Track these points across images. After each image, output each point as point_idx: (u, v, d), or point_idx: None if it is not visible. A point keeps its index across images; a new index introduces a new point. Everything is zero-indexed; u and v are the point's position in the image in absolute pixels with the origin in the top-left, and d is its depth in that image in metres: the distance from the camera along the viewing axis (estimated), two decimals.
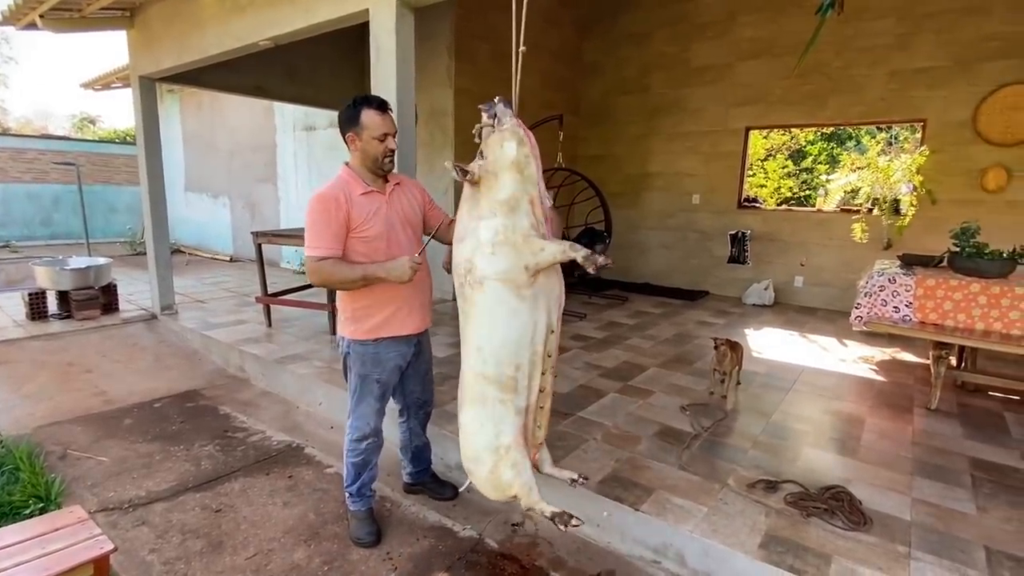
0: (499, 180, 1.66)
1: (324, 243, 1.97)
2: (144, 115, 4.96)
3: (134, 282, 6.99)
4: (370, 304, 2.08)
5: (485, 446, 1.76)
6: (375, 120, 2.01)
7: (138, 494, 2.62)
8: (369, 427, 2.22)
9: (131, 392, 3.86)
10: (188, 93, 9.92)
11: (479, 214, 1.68)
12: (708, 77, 6.57)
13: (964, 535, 2.06)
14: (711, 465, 2.54)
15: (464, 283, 1.72)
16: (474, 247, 1.68)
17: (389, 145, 2.03)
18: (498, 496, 1.82)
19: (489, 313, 1.69)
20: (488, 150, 1.67)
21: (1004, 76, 4.95)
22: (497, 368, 1.70)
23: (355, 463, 2.26)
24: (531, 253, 1.65)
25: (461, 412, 1.82)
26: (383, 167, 2.05)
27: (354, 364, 2.16)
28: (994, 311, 3.27)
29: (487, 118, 1.67)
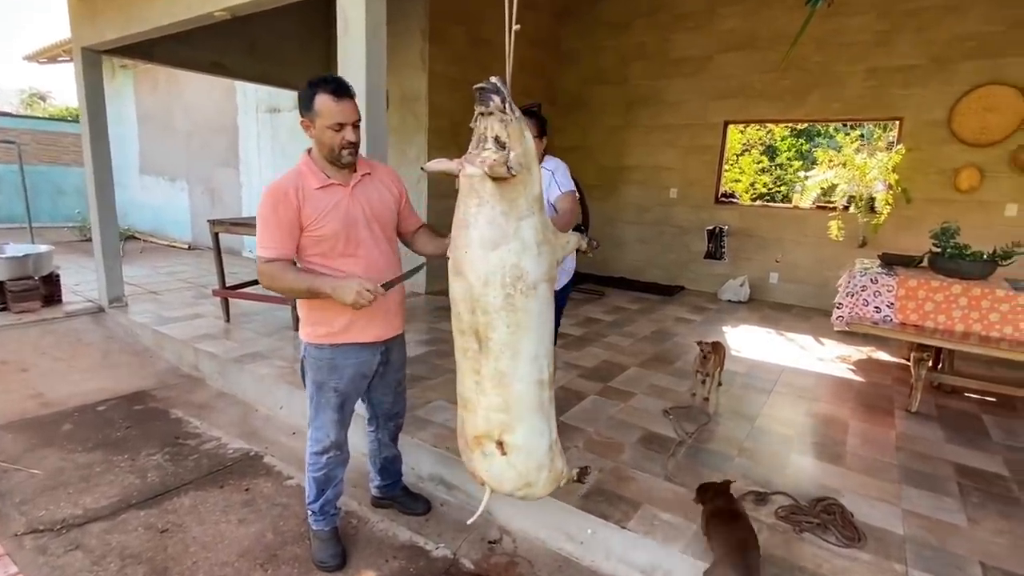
0: (531, 174, 1.51)
1: (274, 243, 1.76)
2: (88, 91, 4.56)
3: (81, 271, 6.54)
4: (327, 306, 1.85)
5: (545, 449, 1.71)
6: (329, 107, 1.72)
7: (73, 513, 2.35)
8: (329, 439, 2.01)
9: (72, 393, 3.54)
10: (143, 69, 9.33)
11: (519, 214, 1.51)
12: (687, 69, 6.46)
13: (958, 550, 1.99)
14: (698, 475, 2.42)
15: (513, 292, 1.53)
16: (520, 251, 1.52)
17: (347, 137, 1.75)
18: (552, 489, 1.80)
19: (540, 316, 1.62)
20: (514, 141, 1.48)
21: (980, 77, 4.97)
22: (549, 369, 1.67)
23: (317, 478, 2.05)
24: (561, 247, 1.64)
25: (515, 432, 1.66)
26: (341, 159, 1.79)
27: (309, 369, 1.97)
28: (974, 313, 3.25)
29: (499, 101, 1.46)
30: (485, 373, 1.62)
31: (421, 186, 5.63)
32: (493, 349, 1.59)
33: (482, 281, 1.54)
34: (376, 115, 2.53)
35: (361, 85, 2.45)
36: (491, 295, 1.53)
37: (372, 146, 2.51)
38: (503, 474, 1.71)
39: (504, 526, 2.33)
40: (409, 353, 3.83)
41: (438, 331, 4.41)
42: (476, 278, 1.55)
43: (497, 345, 1.58)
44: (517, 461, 1.67)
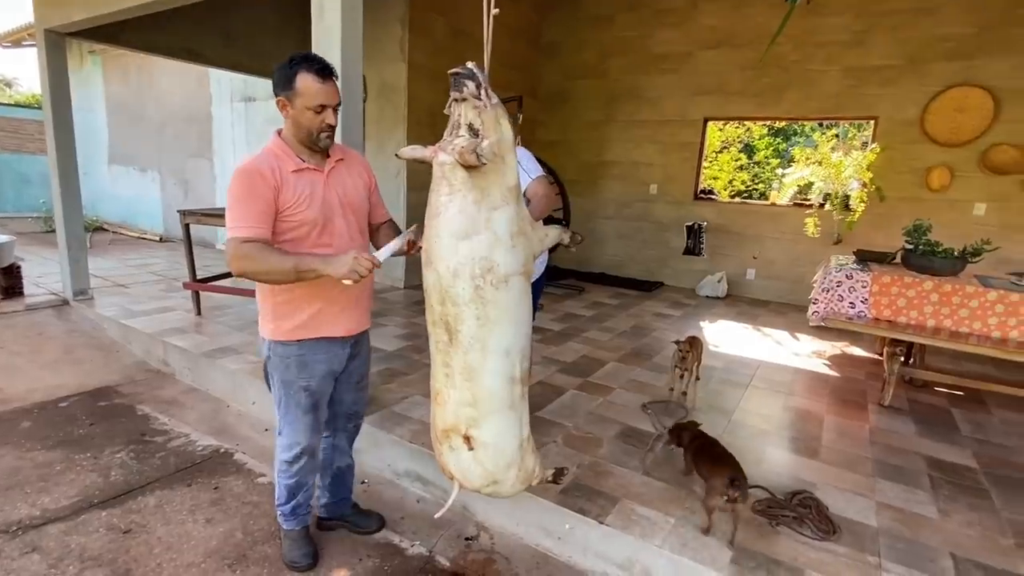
0: (506, 163, 1.46)
1: (249, 221, 1.59)
2: (51, 76, 4.37)
3: (46, 263, 6.30)
4: (293, 299, 1.75)
5: (515, 447, 1.65)
6: (312, 86, 1.62)
7: (31, 513, 2.25)
8: (300, 445, 1.89)
9: (33, 388, 3.40)
10: (112, 56, 9.03)
11: (491, 204, 1.46)
12: (668, 65, 6.48)
13: (930, 542, 2.01)
14: (675, 469, 2.42)
15: (482, 284, 1.47)
16: (492, 242, 1.46)
17: (327, 119, 1.67)
18: (523, 488, 1.75)
19: (514, 311, 1.54)
20: (488, 128, 1.43)
21: (952, 77, 5.07)
22: (522, 365, 1.60)
23: (288, 485, 1.96)
24: (539, 240, 1.57)
25: (482, 428, 1.60)
26: (318, 143, 1.70)
27: (276, 369, 1.83)
28: (945, 308, 3.31)
29: (473, 87, 1.41)
30: (455, 366, 1.58)
31: (400, 177, 5.55)
32: (463, 342, 1.54)
33: (451, 272, 1.50)
34: (351, 102, 2.46)
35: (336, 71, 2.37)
36: (460, 286, 1.49)
37: (347, 135, 2.44)
38: (470, 469, 1.66)
39: (481, 522, 2.29)
40: (387, 347, 3.79)
41: (416, 325, 4.35)
42: (445, 268, 1.50)
43: (466, 338, 1.54)
44: (484, 457, 1.63)
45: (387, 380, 3.22)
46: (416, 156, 1.61)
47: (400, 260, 5.76)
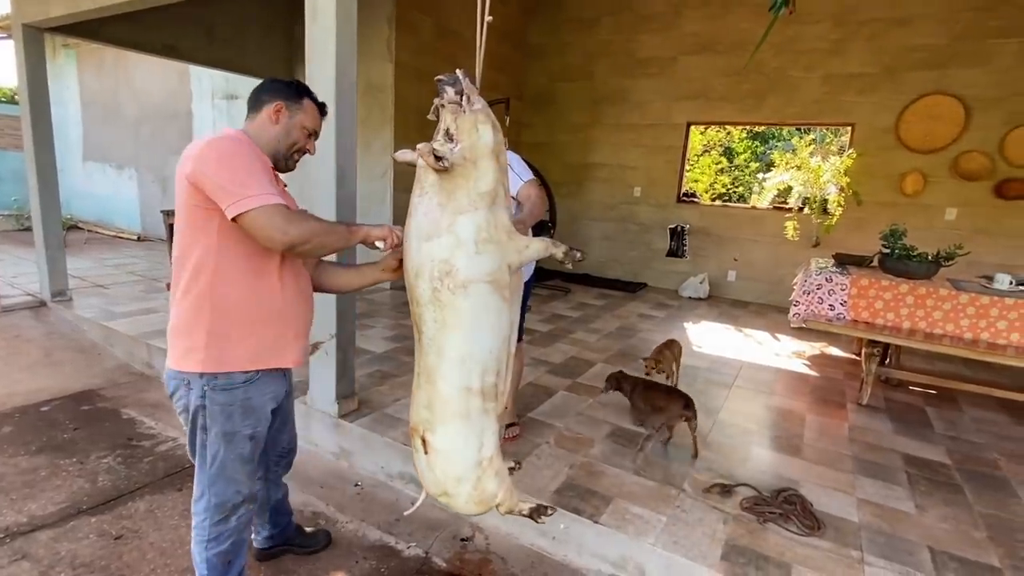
0: (478, 169, 1.44)
1: (267, 187, 1.37)
2: (29, 72, 4.27)
3: (20, 263, 6.14)
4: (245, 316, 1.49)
5: (470, 463, 1.56)
6: (314, 113, 1.64)
7: (18, 520, 2.21)
8: (241, 495, 1.61)
9: (11, 393, 3.32)
10: (87, 49, 8.81)
11: (456, 208, 1.44)
12: (652, 69, 6.57)
13: (909, 536, 2.10)
14: (666, 469, 2.48)
15: (440, 287, 1.46)
16: (452, 246, 1.44)
17: (309, 146, 1.66)
18: (480, 510, 1.65)
19: (474, 320, 1.47)
20: (462, 133, 1.44)
21: (925, 86, 5.24)
22: (482, 378, 1.51)
23: (222, 551, 1.60)
24: (516, 251, 1.48)
25: (435, 433, 1.56)
26: (288, 161, 1.61)
27: (214, 420, 1.50)
28: (920, 311, 3.43)
29: (453, 93, 1.43)
30: (421, 366, 1.57)
31: (387, 178, 5.54)
32: (424, 343, 1.54)
33: (415, 272, 1.50)
34: (346, 106, 2.47)
35: (330, 75, 2.38)
36: (421, 287, 1.49)
37: (342, 136, 2.44)
38: (423, 474, 1.62)
39: (476, 523, 2.32)
40: (375, 349, 3.79)
41: (403, 327, 4.35)
42: (410, 268, 1.52)
43: (427, 339, 1.53)
44: (435, 463, 1.59)
45: (378, 382, 3.22)
46: (406, 159, 1.62)
47: None
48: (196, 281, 1.45)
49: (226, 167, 1.36)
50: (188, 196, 1.40)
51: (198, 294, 1.45)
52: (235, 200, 1.33)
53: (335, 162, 2.42)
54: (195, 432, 1.55)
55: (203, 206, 1.40)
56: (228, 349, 1.48)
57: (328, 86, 2.36)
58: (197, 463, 1.59)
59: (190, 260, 1.45)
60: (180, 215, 1.45)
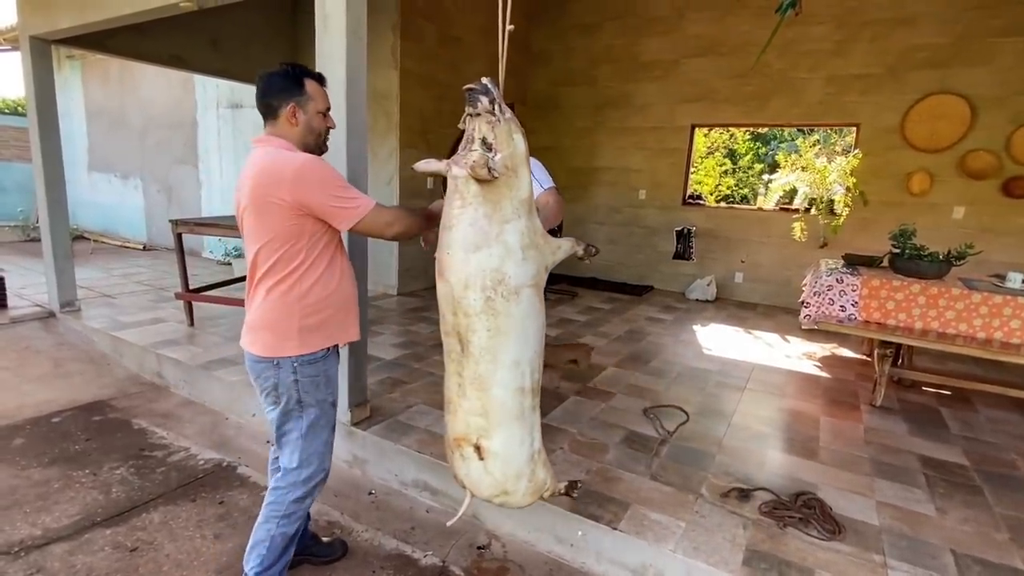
0: (518, 177, 1.48)
1: (362, 193, 1.65)
2: (37, 84, 4.29)
3: (27, 273, 6.16)
4: (320, 303, 1.69)
5: (526, 459, 1.65)
6: (319, 92, 1.71)
7: (32, 533, 2.21)
8: (325, 470, 1.83)
9: (23, 404, 3.32)
10: (92, 60, 8.87)
11: (503, 217, 1.47)
12: (656, 73, 6.58)
13: (931, 539, 2.08)
14: (682, 473, 2.46)
15: (493, 296, 1.49)
16: (503, 255, 1.48)
17: (330, 123, 1.76)
18: (534, 500, 1.74)
19: (524, 323, 1.55)
20: (500, 143, 1.45)
21: (930, 86, 5.23)
22: (532, 377, 1.61)
23: (287, 534, 1.76)
24: (551, 252, 1.58)
25: (492, 438, 1.61)
26: (321, 147, 1.76)
27: (308, 391, 1.72)
28: (932, 311, 3.41)
29: (487, 103, 1.43)
30: (467, 376, 1.59)
31: (393, 185, 5.54)
32: (474, 352, 1.56)
33: (463, 284, 1.52)
34: (357, 113, 2.47)
35: (341, 83, 2.38)
36: (471, 298, 1.51)
37: (353, 145, 2.45)
38: (480, 479, 1.68)
39: (492, 531, 2.31)
40: (385, 356, 3.79)
41: (412, 333, 4.35)
42: (457, 280, 1.52)
43: (477, 348, 1.55)
44: (494, 467, 1.64)
45: (389, 389, 3.21)
46: (431, 170, 1.63)
47: (392, 267, 5.76)
48: (284, 283, 1.64)
49: (330, 187, 1.57)
50: (281, 215, 1.57)
51: (286, 292, 1.65)
52: (350, 212, 1.59)
53: (347, 167, 2.41)
54: (290, 409, 1.73)
55: (297, 222, 1.59)
56: (313, 334, 1.70)
57: (339, 94, 2.37)
58: (292, 439, 1.76)
59: (279, 265, 1.63)
60: (263, 230, 1.60)
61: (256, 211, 1.59)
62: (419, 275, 6.00)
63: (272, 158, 1.58)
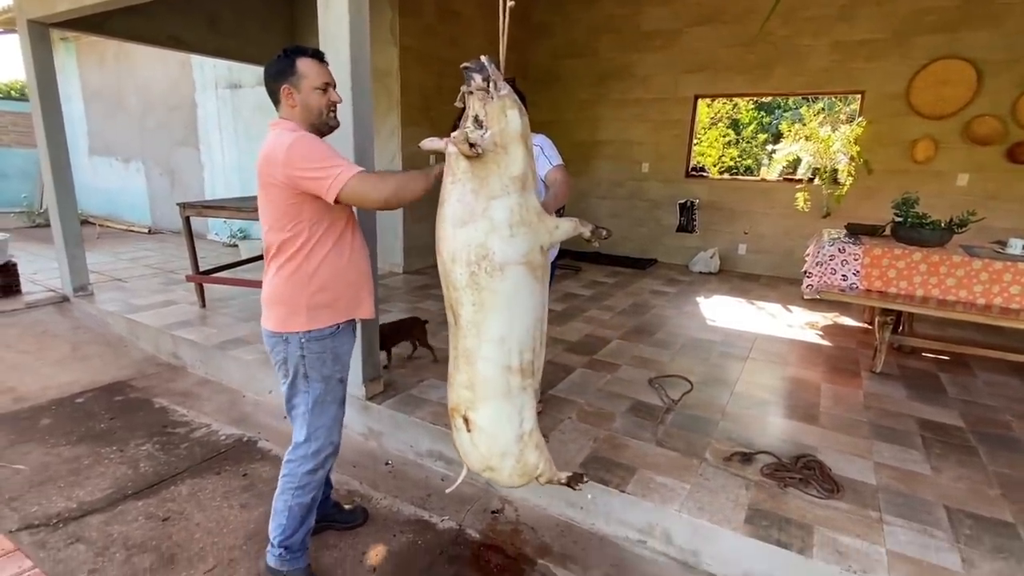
0: (509, 154, 1.49)
1: (347, 161, 1.62)
2: (37, 67, 4.29)
3: (36, 259, 6.23)
4: (330, 280, 1.73)
5: (512, 438, 1.65)
6: (314, 68, 1.70)
7: (68, 506, 2.32)
8: (333, 444, 1.87)
9: (46, 387, 3.43)
10: (87, 43, 8.78)
11: (489, 193, 1.49)
12: (657, 42, 6.50)
13: (926, 496, 2.17)
14: (687, 439, 2.56)
15: (477, 271, 1.51)
16: (488, 230, 1.49)
17: (332, 97, 1.74)
18: (523, 482, 1.75)
19: (511, 300, 1.54)
20: (491, 119, 1.47)
21: (936, 51, 5.17)
22: (521, 356, 1.59)
23: (303, 504, 1.82)
24: (547, 231, 1.55)
25: (478, 411, 1.63)
26: (329, 122, 1.75)
27: (314, 367, 1.76)
28: (933, 278, 3.45)
29: (480, 80, 1.46)
30: (459, 348, 1.63)
31: (395, 164, 5.55)
32: (462, 326, 1.60)
33: (451, 257, 1.55)
34: (362, 91, 2.50)
35: (345, 62, 2.40)
36: (457, 272, 1.54)
37: (359, 120, 2.48)
38: (469, 452, 1.70)
39: (505, 497, 2.41)
40: None
41: (419, 311, 4.42)
42: (447, 254, 1.56)
43: (465, 322, 1.59)
44: (479, 441, 1.66)
45: (400, 365, 3.30)
46: (434, 147, 1.66)
47: (398, 246, 5.81)
48: (293, 261, 1.69)
49: (311, 160, 1.56)
50: (281, 195, 1.62)
51: (295, 271, 1.69)
52: (330, 183, 1.55)
53: (354, 144, 2.45)
54: (296, 382, 1.78)
55: (296, 201, 1.62)
56: (321, 311, 1.73)
57: (344, 72, 2.39)
58: (299, 412, 1.82)
59: (282, 242, 1.68)
60: (271, 210, 1.67)
61: (263, 193, 1.66)
62: (425, 253, 6.05)
63: (272, 140, 1.62)
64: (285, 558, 1.84)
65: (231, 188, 7.45)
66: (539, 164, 2.39)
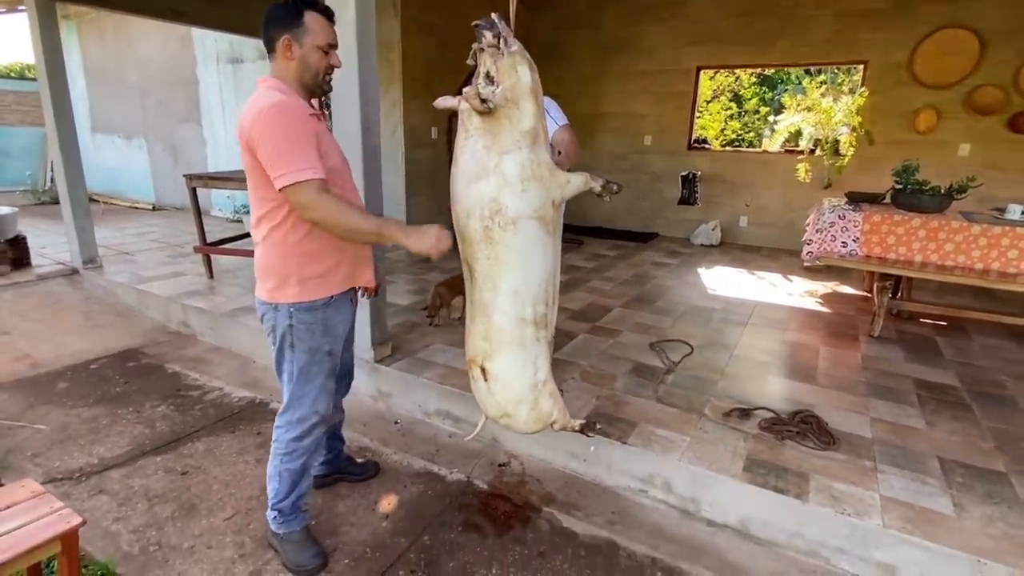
0: (520, 109, 1.53)
1: (312, 161, 1.46)
2: (45, 44, 4.29)
3: (44, 234, 6.28)
4: (320, 252, 1.62)
5: (527, 386, 1.73)
6: (321, 25, 1.56)
7: (89, 462, 2.41)
8: (319, 414, 1.77)
9: (60, 354, 3.51)
10: (87, 20, 8.71)
11: (501, 148, 1.54)
12: (661, 13, 6.43)
13: (919, 448, 2.24)
14: (686, 398, 2.63)
15: (491, 225, 1.56)
16: (500, 185, 1.54)
17: (333, 60, 1.62)
18: (538, 428, 1.84)
19: (524, 254, 1.60)
20: (502, 75, 1.51)
21: (940, 19, 5.13)
22: (534, 308, 1.66)
23: (293, 470, 1.77)
24: (558, 186, 1.60)
25: (494, 361, 1.70)
26: (323, 86, 1.63)
27: (301, 338, 1.67)
28: (931, 244, 3.49)
29: (491, 37, 1.49)
30: (475, 301, 1.69)
31: (398, 135, 5.56)
32: (477, 279, 1.65)
33: (465, 212, 1.60)
34: (367, 62, 2.51)
35: (351, 25, 2.41)
36: (472, 226, 1.58)
37: (365, 90, 2.50)
38: (485, 399, 1.78)
39: (510, 451, 2.49)
40: (401, 302, 3.93)
41: (425, 281, 4.47)
42: (461, 209, 1.61)
43: (480, 276, 1.64)
44: (496, 389, 1.73)
45: (407, 331, 3.37)
46: (447, 105, 1.70)
47: (401, 219, 5.84)
48: (278, 231, 1.59)
49: (271, 141, 1.44)
50: (250, 159, 1.52)
51: (279, 241, 1.60)
52: (275, 176, 1.46)
53: (360, 114, 2.48)
54: (283, 350, 1.71)
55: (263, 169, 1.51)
56: (313, 283, 1.64)
57: (349, 38, 2.40)
58: (284, 379, 1.76)
59: (265, 212, 1.59)
60: (252, 176, 1.57)
61: (243, 156, 1.55)
62: None
63: (253, 99, 1.52)
64: (279, 521, 1.83)
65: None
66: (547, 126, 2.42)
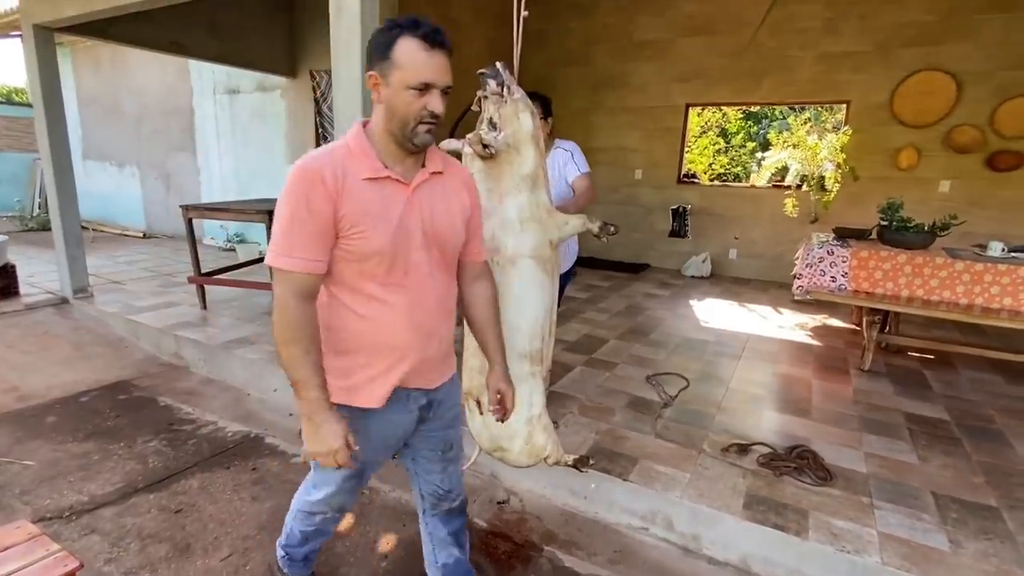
0: (521, 154, 1.59)
1: (295, 247, 1.17)
2: (42, 72, 4.35)
3: (31, 262, 6.22)
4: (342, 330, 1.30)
5: (521, 420, 1.76)
6: (417, 57, 1.15)
7: (79, 499, 2.35)
8: (331, 508, 1.54)
9: (50, 386, 3.45)
10: (82, 48, 8.79)
11: (502, 190, 1.60)
12: (651, 52, 6.66)
13: (913, 483, 2.28)
14: (685, 432, 2.64)
15: (490, 263, 1.61)
16: (499, 225, 1.60)
17: (431, 105, 1.17)
18: (532, 462, 1.85)
19: (521, 292, 1.64)
20: (505, 121, 1.57)
21: (918, 62, 5.37)
22: (530, 344, 1.70)
23: (305, 532, 1.65)
24: (556, 227, 1.65)
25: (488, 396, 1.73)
26: (414, 139, 1.20)
27: None
28: (917, 279, 3.59)
29: (495, 85, 1.56)
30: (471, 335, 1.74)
31: None
32: None
33: None
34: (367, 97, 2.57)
35: (356, 74, 2.48)
36: None
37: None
38: (480, 432, 1.83)
39: (510, 488, 2.48)
40: None
41: None
42: None
43: None
44: (490, 423, 1.77)
45: None
46: (451, 148, 1.77)
47: None
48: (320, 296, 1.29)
49: (279, 204, 1.19)
50: None
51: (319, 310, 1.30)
52: (271, 248, 1.21)
53: None
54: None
55: None
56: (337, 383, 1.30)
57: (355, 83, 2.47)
58: None
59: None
60: None
61: None
62: None
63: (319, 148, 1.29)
64: (287, 561, 1.75)
65: (228, 194, 7.48)
66: (568, 170, 2.54)
